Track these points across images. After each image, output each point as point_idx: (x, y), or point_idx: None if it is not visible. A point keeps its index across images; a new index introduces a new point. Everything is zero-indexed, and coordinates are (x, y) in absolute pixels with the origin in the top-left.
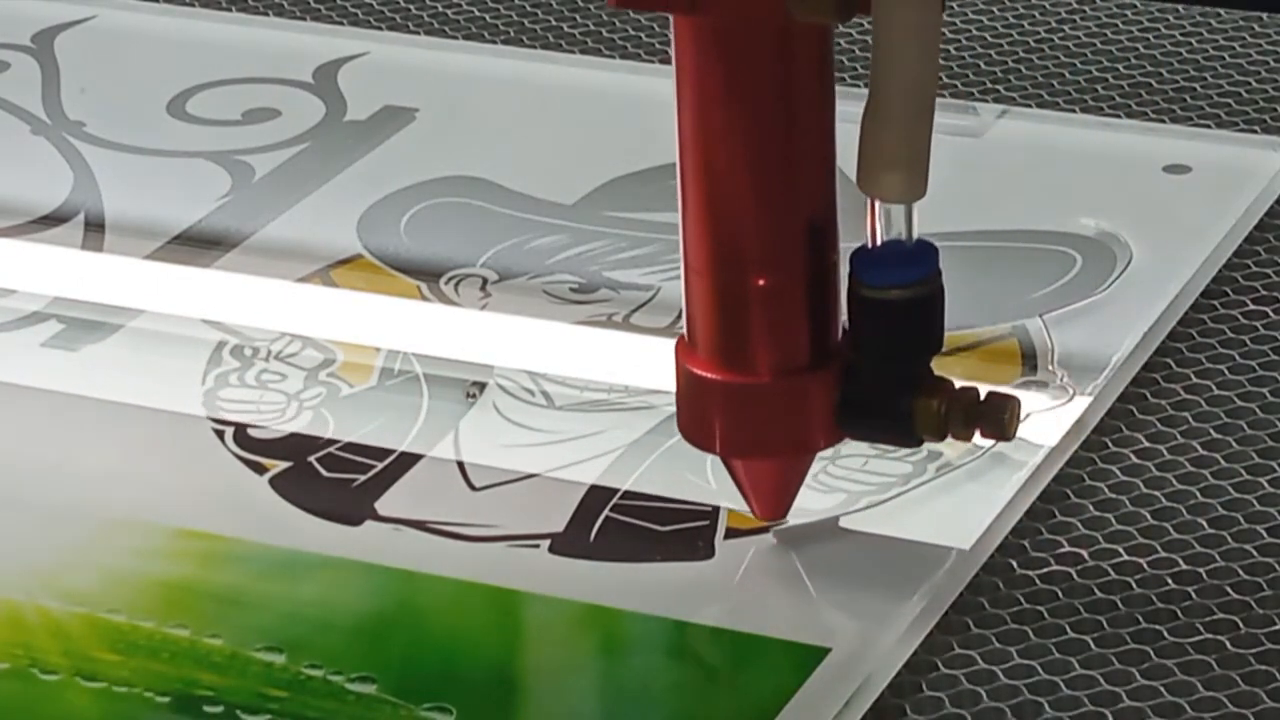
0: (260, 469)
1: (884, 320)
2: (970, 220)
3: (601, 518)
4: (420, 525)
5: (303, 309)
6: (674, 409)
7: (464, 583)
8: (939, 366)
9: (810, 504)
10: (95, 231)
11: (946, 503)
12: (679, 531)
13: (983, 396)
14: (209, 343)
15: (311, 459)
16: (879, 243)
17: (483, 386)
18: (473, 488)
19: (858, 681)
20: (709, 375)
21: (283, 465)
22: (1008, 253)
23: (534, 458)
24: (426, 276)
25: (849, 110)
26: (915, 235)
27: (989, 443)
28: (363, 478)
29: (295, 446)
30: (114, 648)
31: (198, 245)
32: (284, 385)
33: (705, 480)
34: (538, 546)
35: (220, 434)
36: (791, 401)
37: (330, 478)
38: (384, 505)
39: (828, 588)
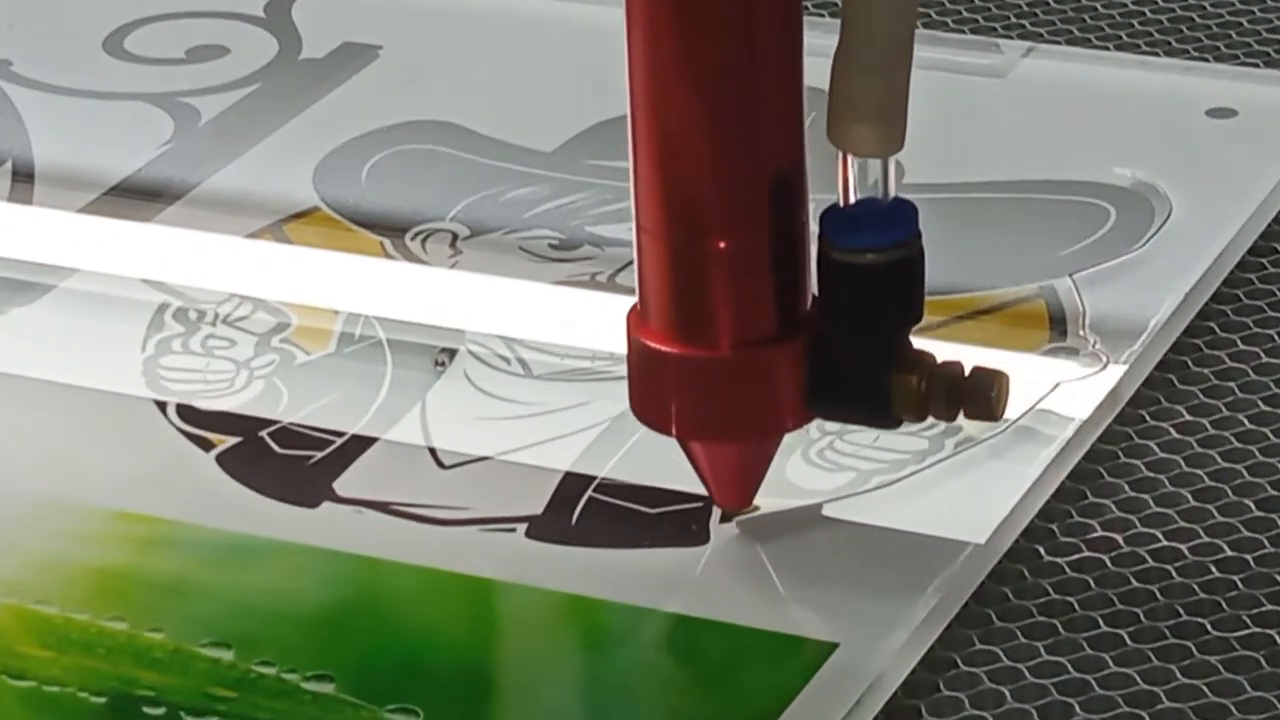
0: (206, 445)
1: (857, 287)
2: (992, 169)
3: (584, 499)
4: (383, 507)
5: (253, 268)
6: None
7: (432, 570)
8: (958, 331)
9: (816, 483)
10: (23, 182)
11: (966, 482)
12: (670, 514)
13: (967, 372)
14: (149, 305)
15: (263, 434)
16: (851, 201)
17: (453, 354)
18: (442, 465)
19: (868, 680)
20: (663, 348)
21: (231, 441)
22: (1034, 205)
23: (510, 432)
24: (390, 231)
25: (821, 44)
26: (893, 192)
27: (1014, 415)
28: (320, 454)
29: (245, 420)
30: (44, 642)
31: (137, 197)
32: (233, 352)
33: None
34: (514, 530)
35: (162, 406)
36: (755, 377)
37: (284, 454)
38: (343, 485)
39: (833, 577)
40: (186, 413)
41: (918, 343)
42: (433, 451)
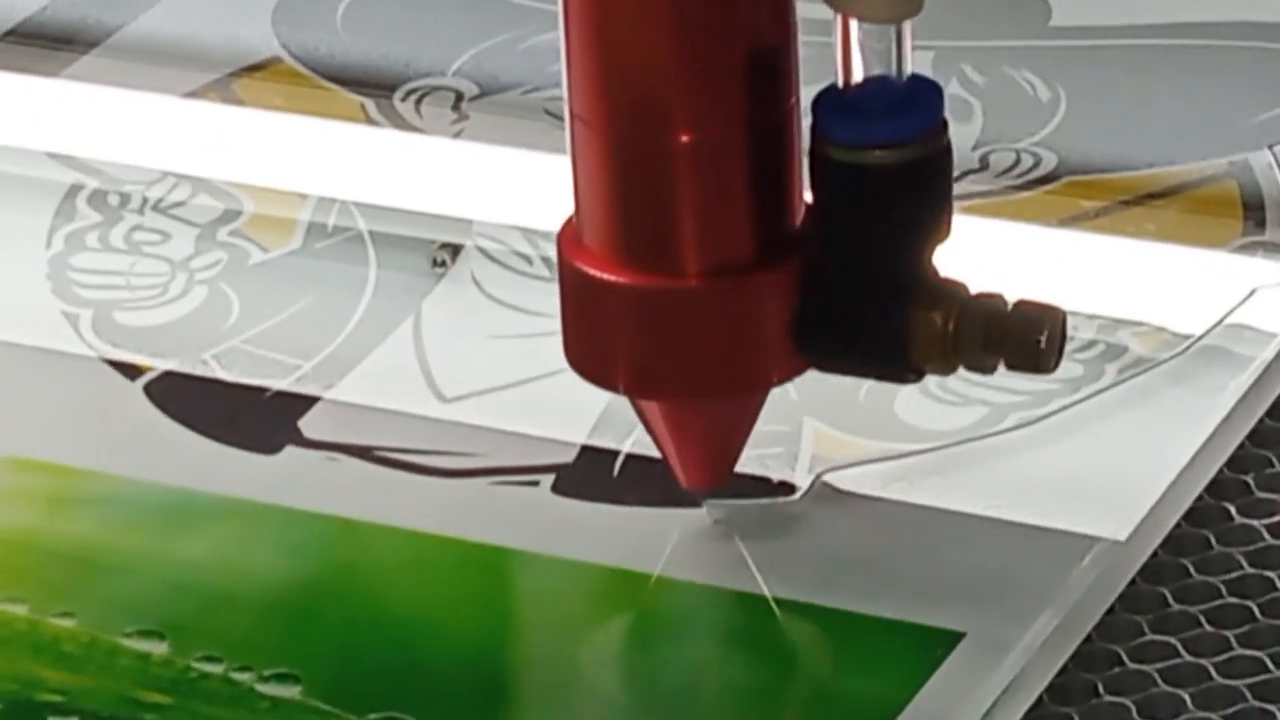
0: (132, 371)
1: (863, 195)
2: (1167, 7)
3: (629, 442)
4: (365, 453)
5: (193, 137)
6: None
7: (429, 536)
8: (1123, 221)
9: (936, 421)
10: None
11: (1133, 420)
12: (746, 461)
13: (1010, 307)
14: (57, 186)
15: (206, 356)
16: (855, 82)
17: (456, 250)
18: (442, 398)
19: (1005, 675)
20: (608, 277)
21: (164, 366)
22: (1223, 56)
23: (531, 354)
24: (374, 90)
25: None
26: (909, 68)
27: (1197, 331)
28: (281, 384)
29: (182, 338)
30: None
31: (39, 44)
32: (166, 249)
33: (783, 389)
34: (536, 484)
35: (73, 320)
36: (730, 315)
37: (233, 385)
38: (311, 424)
39: (955, 552)
40: (105, 328)
41: (960, 265)
42: (429, 378)
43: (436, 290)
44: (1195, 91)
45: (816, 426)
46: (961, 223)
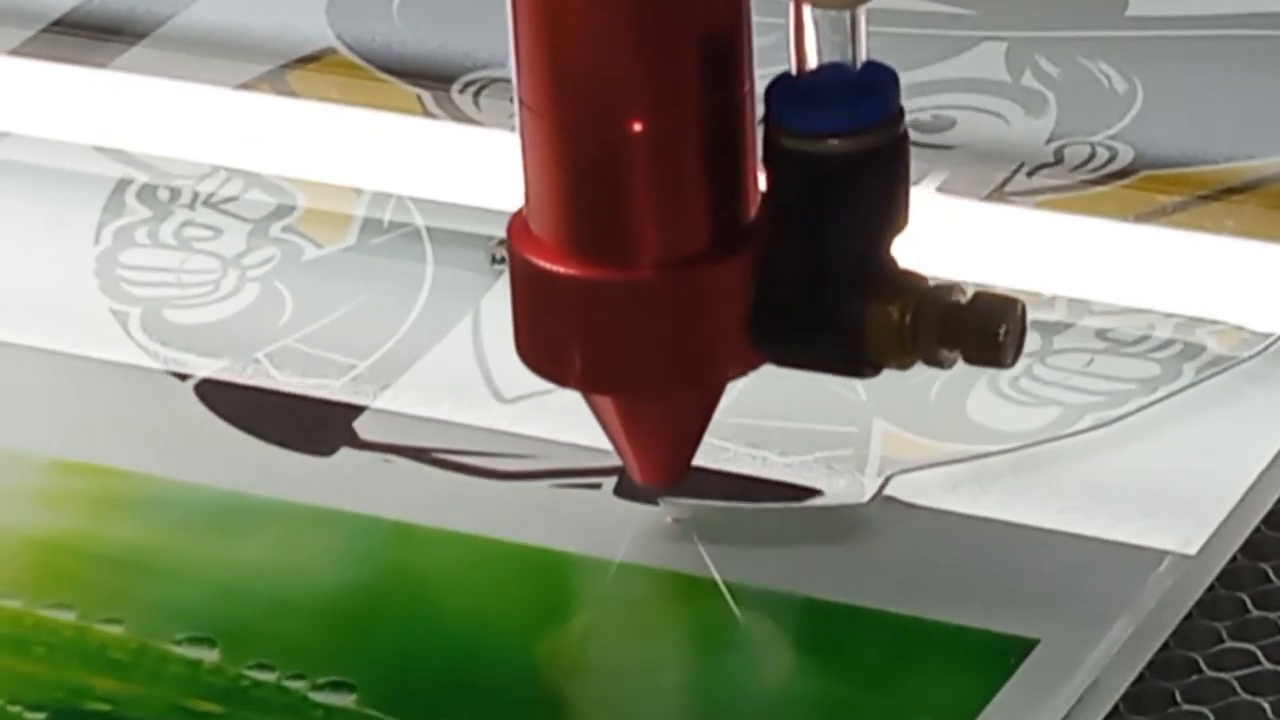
0: (182, 371)
1: (818, 184)
2: None
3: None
4: (422, 454)
5: (245, 130)
6: None
7: (487, 540)
8: (1200, 217)
9: (1009, 422)
10: None
11: (1212, 421)
12: (814, 464)
13: (968, 299)
14: (105, 181)
15: (259, 356)
16: (809, 68)
17: None
18: (501, 398)
19: (1080, 683)
20: (559, 269)
21: (215, 366)
22: None
23: None
24: (431, 81)
25: None
26: (864, 55)
27: (1277, 330)
28: (336, 383)
29: (233, 337)
30: None
31: (86, 34)
32: (217, 245)
33: (851, 388)
34: (599, 486)
35: (121, 318)
36: (684, 307)
37: (286, 384)
38: (366, 425)
39: (1023, 553)
40: (155, 327)
41: (1033, 262)
42: (489, 377)
43: (496, 287)
44: (1276, 83)
45: (886, 428)
46: (1034, 218)
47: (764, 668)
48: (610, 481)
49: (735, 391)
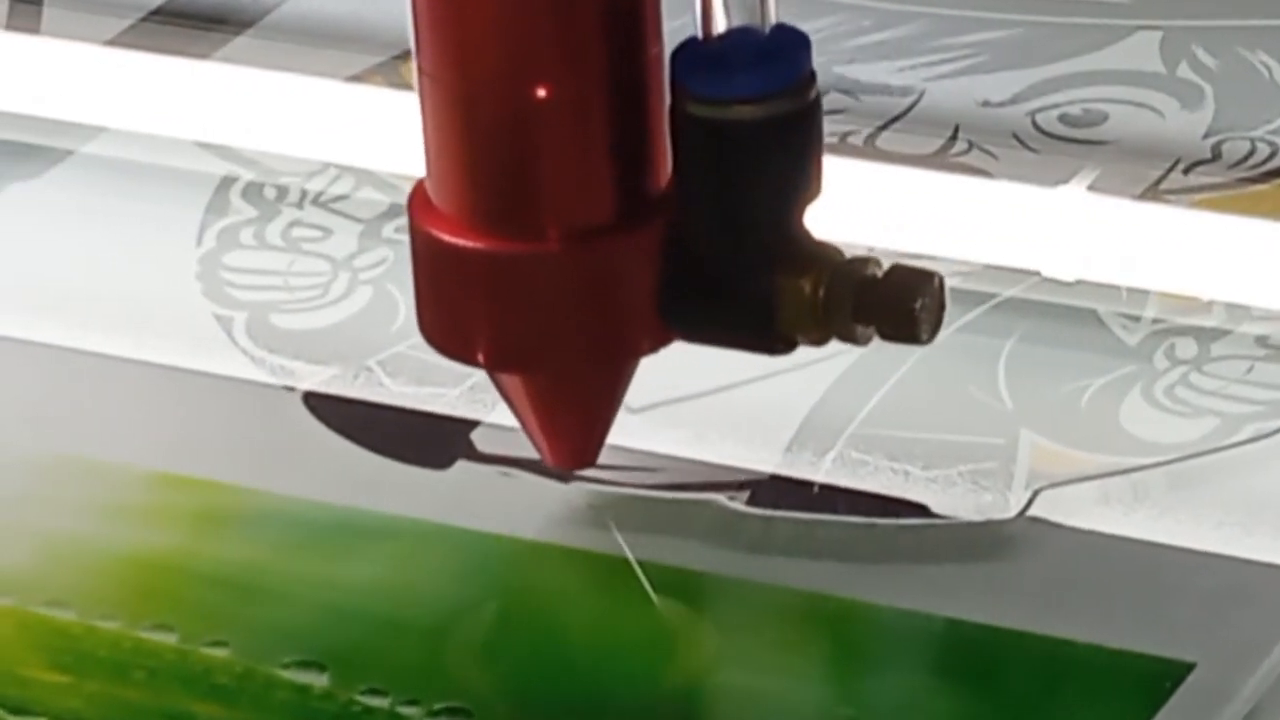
0: (290, 379)
1: (725, 153)
2: None
3: (832, 454)
4: (544, 468)
5: (356, 125)
6: (946, 282)
7: (613, 558)
8: (1242, 201)
9: (1163, 433)
10: (28, 4)
11: None
12: (953, 476)
13: (883, 272)
14: (208, 179)
15: (371, 363)
16: (715, 33)
17: None
18: (629, 408)
19: (1239, 709)
20: (462, 242)
21: (324, 374)
22: None
23: (725, 359)
24: None
25: None
26: (773, 19)
27: None
28: (453, 393)
29: (344, 344)
30: (57, 662)
31: (188, 24)
32: (326, 246)
33: (996, 397)
34: (732, 500)
35: (226, 324)
36: (593, 280)
37: (400, 394)
38: (484, 436)
39: (1180, 572)
40: (261, 333)
41: (1188, 263)
42: None
43: None
44: None
45: (1034, 439)
46: (1190, 218)
47: (894, 688)
48: (743, 495)
49: (874, 400)
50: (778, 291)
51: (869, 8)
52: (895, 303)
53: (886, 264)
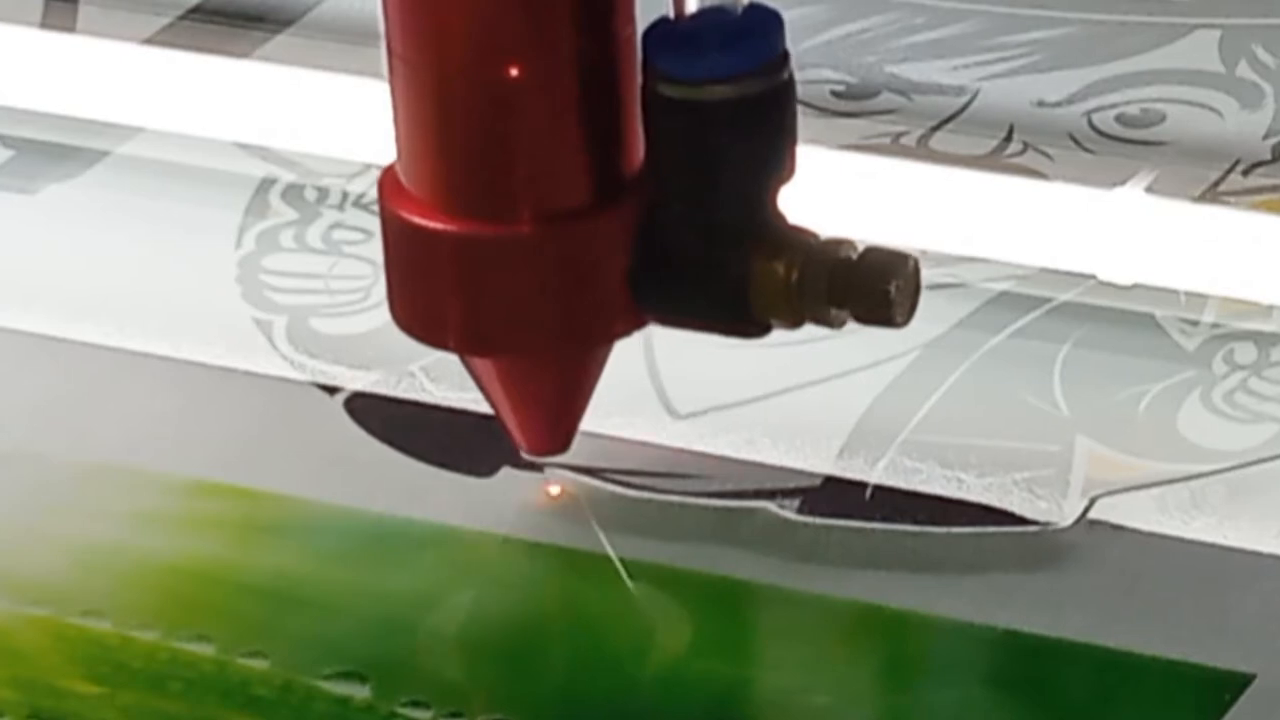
0: (331, 385)
1: (698, 134)
2: None
3: (884, 461)
4: (591, 473)
5: None
6: (1000, 286)
7: (662, 567)
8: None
9: (1226, 442)
10: (63, 2)
11: None
12: (1008, 484)
13: (858, 254)
14: (248, 180)
15: (414, 368)
16: (688, 11)
17: None
18: (675, 414)
19: None
20: (434, 225)
21: (366, 378)
22: None
23: (775, 364)
24: None
25: None
26: None
27: None
28: None
29: (386, 348)
30: (93, 673)
31: (227, 22)
32: (368, 249)
33: (1052, 403)
34: (783, 507)
35: (265, 328)
36: (565, 263)
37: (443, 399)
38: None
39: (1240, 580)
40: (301, 337)
41: (1245, 270)
42: (661, 392)
43: None
44: None
45: (1090, 446)
46: (1250, 221)
47: (952, 702)
48: (794, 503)
49: (926, 406)
50: (751, 274)
51: (922, 5)
52: (869, 285)
53: (862, 248)
